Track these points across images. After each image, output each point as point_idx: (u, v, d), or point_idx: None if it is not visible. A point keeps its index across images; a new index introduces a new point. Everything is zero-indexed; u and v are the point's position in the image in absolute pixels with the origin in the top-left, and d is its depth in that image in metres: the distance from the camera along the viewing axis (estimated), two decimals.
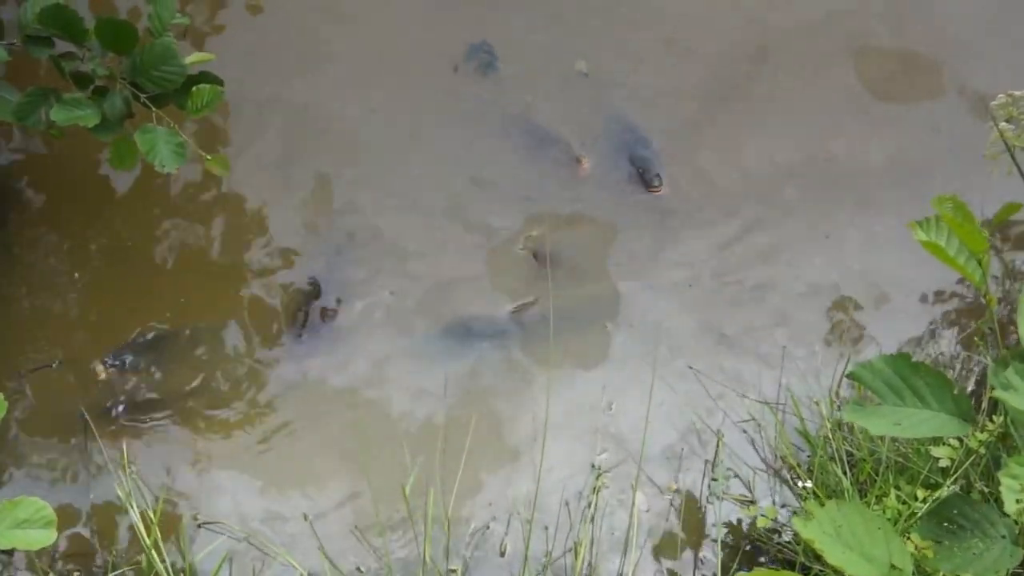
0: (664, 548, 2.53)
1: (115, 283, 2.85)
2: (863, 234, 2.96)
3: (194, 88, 2.44)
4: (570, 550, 2.48)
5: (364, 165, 3.04)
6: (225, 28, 3.20)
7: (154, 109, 2.49)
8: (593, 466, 2.61)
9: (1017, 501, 1.57)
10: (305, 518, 2.53)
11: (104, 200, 2.95)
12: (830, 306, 2.86)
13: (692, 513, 2.57)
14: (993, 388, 1.69)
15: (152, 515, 2.45)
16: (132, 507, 2.45)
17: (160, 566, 2.36)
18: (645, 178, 2.96)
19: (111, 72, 2.47)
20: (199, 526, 2.52)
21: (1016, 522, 1.77)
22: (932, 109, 3.15)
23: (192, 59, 2.50)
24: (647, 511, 2.54)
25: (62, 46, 2.48)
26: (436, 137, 3.08)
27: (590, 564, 2.46)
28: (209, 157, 2.59)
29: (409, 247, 2.92)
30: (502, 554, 2.52)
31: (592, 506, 2.50)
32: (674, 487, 2.59)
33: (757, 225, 2.98)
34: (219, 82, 2.48)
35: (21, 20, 2.43)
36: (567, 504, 2.55)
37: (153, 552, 2.37)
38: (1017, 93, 2.39)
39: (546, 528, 2.52)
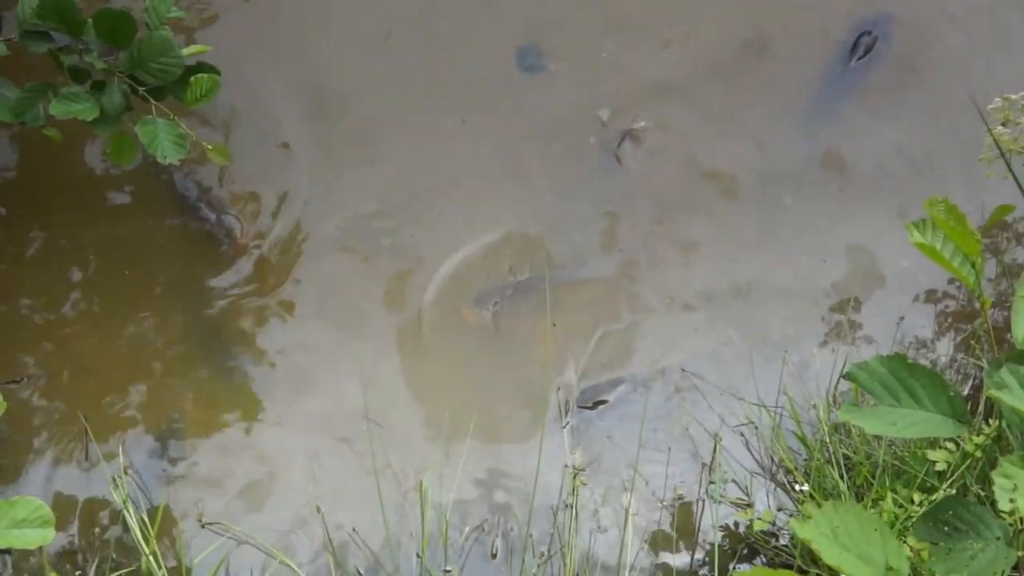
0: (660, 551, 2.53)
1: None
2: (862, 235, 2.97)
3: (193, 78, 2.46)
4: (555, 553, 2.47)
5: None
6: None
7: (153, 102, 2.51)
8: (567, 466, 2.60)
9: (1010, 501, 1.58)
10: (318, 509, 2.53)
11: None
12: (828, 308, 2.87)
13: (688, 516, 2.57)
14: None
15: (146, 518, 2.45)
16: (129, 511, 2.45)
17: (159, 572, 2.37)
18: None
19: (109, 66, 2.48)
20: (203, 527, 2.52)
21: (1011, 524, 1.78)
22: (931, 109, 3.16)
23: (189, 51, 2.51)
24: (635, 514, 2.54)
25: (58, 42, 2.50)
26: None
27: (584, 567, 2.47)
28: (210, 147, 2.61)
29: None
30: (493, 556, 2.52)
31: (573, 507, 2.50)
32: (679, 493, 2.59)
33: (753, 225, 3.00)
34: (216, 72, 2.50)
35: (19, 15, 2.44)
36: (562, 507, 2.55)
37: (151, 558, 2.38)
38: (1013, 96, 2.39)
39: (530, 535, 2.52)
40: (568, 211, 2.99)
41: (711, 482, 2.58)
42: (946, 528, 1.80)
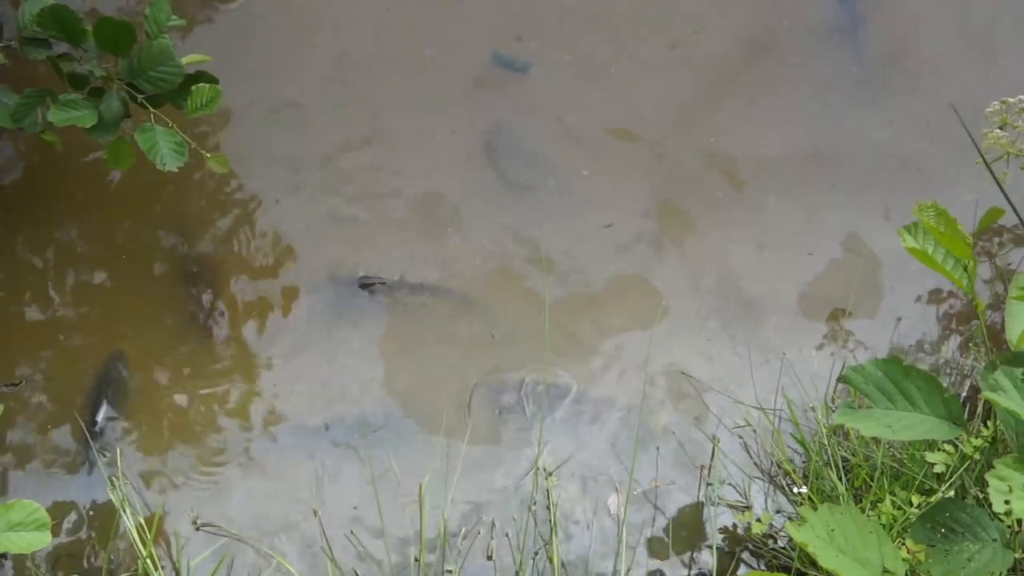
0: (658, 553, 2.53)
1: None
2: (861, 233, 2.97)
3: (194, 87, 2.47)
4: (536, 553, 2.47)
5: None
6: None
7: (151, 109, 2.52)
8: (539, 469, 2.60)
9: (1005, 502, 1.58)
10: (315, 513, 2.53)
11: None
12: (826, 308, 2.86)
13: (686, 518, 2.57)
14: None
15: (144, 522, 2.45)
16: (126, 514, 2.45)
17: (156, 574, 2.37)
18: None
19: (108, 73, 2.50)
20: (197, 528, 2.52)
21: (1008, 526, 1.78)
22: (928, 110, 3.17)
23: (188, 59, 2.53)
24: (631, 515, 2.54)
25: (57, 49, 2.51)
26: None
27: (576, 569, 2.47)
28: (209, 155, 2.61)
29: None
30: (489, 558, 2.52)
31: (550, 508, 2.50)
32: (655, 484, 2.59)
33: (752, 225, 2.99)
34: (215, 81, 2.51)
35: (19, 22, 2.46)
36: (544, 508, 2.56)
37: (148, 561, 2.38)
38: (1011, 100, 2.39)
39: (506, 535, 2.52)
40: (566, 210, 3.00)
41: (709, 484, 2.58)
42: (943, 530, 1.80)
